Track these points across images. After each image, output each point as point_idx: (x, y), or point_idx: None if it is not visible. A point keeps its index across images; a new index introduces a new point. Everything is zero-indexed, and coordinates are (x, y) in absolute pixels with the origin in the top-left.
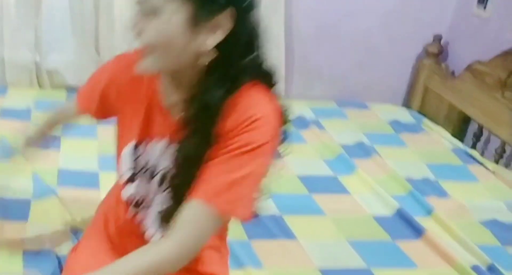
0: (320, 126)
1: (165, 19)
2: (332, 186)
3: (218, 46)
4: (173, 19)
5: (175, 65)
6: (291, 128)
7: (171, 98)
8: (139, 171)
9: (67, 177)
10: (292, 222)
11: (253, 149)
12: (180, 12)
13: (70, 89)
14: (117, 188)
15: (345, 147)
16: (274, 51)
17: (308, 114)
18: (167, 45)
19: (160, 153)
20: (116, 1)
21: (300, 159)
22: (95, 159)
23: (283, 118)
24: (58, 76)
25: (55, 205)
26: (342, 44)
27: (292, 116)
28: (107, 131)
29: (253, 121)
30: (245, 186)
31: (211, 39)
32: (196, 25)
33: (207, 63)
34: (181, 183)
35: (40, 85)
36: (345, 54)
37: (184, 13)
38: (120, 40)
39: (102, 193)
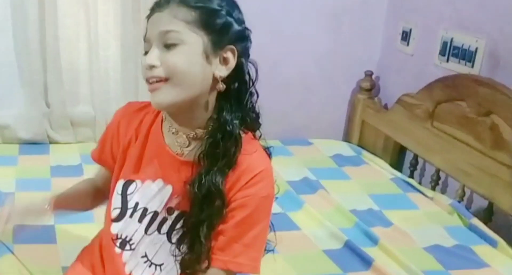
0: None
1: (187, 49)
2: (282, 223)
3: (227, 81)
4: (193, 49)
5: (190, 94)
6: None
7: (175, 138)
8: (128, 211)
9: (22, 234)
10: None
11: (260, 203)
12: (198, 43)
13: (22, 143)
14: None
15: (291, 184)
16: None
17: None
18: (187, 73)
19: (153, 194)
20: (62, 53)
21: None
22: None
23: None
24: (9, 130)
25: (12, 263)
26: (280, 84)
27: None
28: (62, 183)
29: (256, 175)
30: (258, 244)
31: (221, 70)
32: (209, 56)
33: (220, 91)
34: (197, 223)
35: None
36: (284, 94)
37: (201, 44)
38: (68, 91)
39: (59, 246)
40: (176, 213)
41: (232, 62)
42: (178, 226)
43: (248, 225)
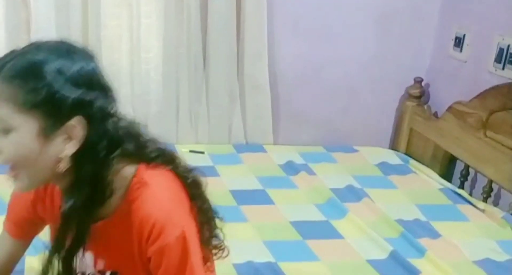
0: (310, 171)
1: (16, 135)
2: (325, 231)
3: (78, 153)
4: (24, 133)
5: (42, 176)
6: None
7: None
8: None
9: None
10: (288, 268)
11: (172, 250)
12: (29, 126)
13: None
14: None
15: (335, 191)
16: (260, 98)
17: (298, 159)
18: (25, 160)
19: (82, 260)
20: (104, 55)
21: (292, 204)
22: None
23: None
24: None
25: None
26: (326, 89)
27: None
28: None
29: (152, 228)
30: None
31: (67, 148)
32: (48, 136)
33: (63, 171)
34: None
35: None
36: (330, 99)
37: (33, 126)
38: None
39: None
40: (108, 273)
41: (80, 134)
42: None
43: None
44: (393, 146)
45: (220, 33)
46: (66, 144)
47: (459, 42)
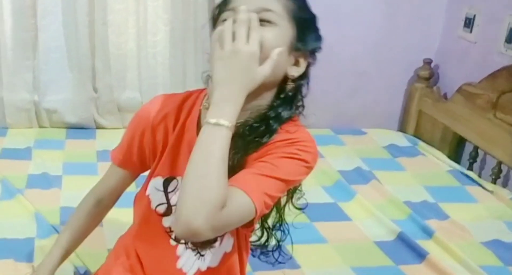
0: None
1: (278, 30)
2: (333, 213)
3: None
4: (282, 32)
5: (268, 79)
6: None
7: None
8: (173, 207)
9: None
10: (296, 251)
11: (294, 158)
12: (287, 31)
13: (69, 127)
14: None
15: (343, 173)
16: None
17: None
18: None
19: None
20: (110, 39)
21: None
22: None
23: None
24: (57, 114)
25: None
26: (334, 71)
27: None
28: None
29: (299, 141)
30: (273, 187)
31: (293, 70)
32: (291, 49)
33: (287, 90)
34: None
35: (39, 124)
36: (338, 81)
37: (291, 35)
38: (116, 77)
39: (105, 230)
40: None
41: (303, 67)
42: None
43: (268, 166)
44: (402, 128)
45: None
46: (293, 66)
47: (469, 22)
